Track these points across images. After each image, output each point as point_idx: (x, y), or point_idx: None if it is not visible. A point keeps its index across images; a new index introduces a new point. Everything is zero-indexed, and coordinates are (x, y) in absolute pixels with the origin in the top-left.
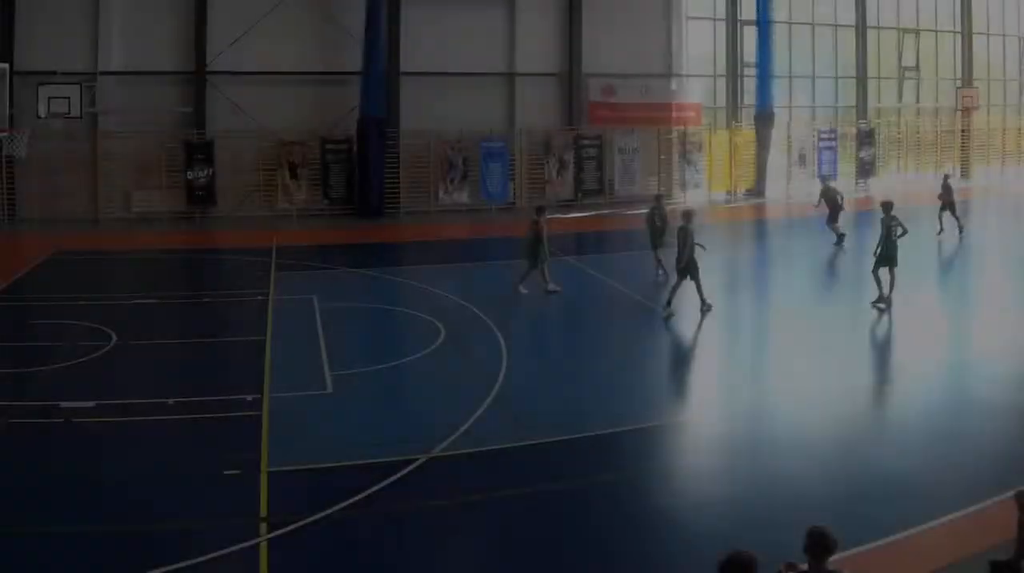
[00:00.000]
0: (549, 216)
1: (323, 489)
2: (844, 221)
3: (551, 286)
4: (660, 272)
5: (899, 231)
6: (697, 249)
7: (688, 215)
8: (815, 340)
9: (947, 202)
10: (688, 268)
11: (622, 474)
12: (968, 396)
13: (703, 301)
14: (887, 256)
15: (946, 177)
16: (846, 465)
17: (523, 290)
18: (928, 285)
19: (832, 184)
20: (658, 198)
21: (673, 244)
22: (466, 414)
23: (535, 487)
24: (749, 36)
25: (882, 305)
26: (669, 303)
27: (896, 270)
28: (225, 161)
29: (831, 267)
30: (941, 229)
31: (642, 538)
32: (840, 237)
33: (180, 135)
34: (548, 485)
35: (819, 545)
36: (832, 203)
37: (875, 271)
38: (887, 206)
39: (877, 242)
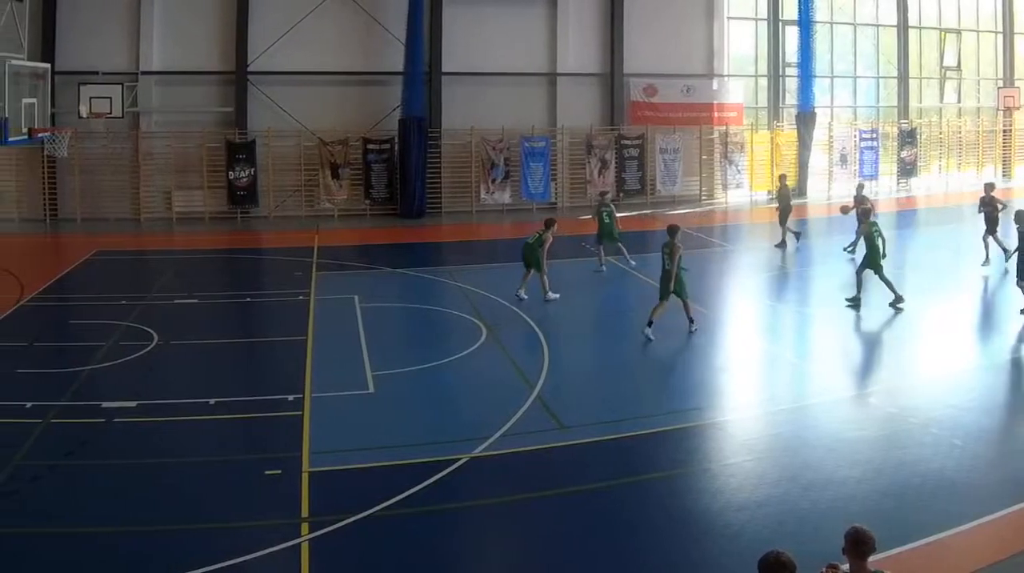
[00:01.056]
0: (585, 217)
1: (364, 489)
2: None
3: (550, 295)
4: (603, 268)
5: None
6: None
7: (673, 230)
8: (851, 340)
9: (991, 218)
10: (675, 287)
11: (663, 474)
12: (1007, 396)
13: (690, 320)
14: (871, 260)
15: (988, 189)
16: (886, 464)
17: (523, 295)
18: (960, 291)
19: (788, 183)
20: (603, 194)
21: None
22: (507, 414)
23: (576, 487)
24: (791, 36)
25: (854, 304)
26: (650, 324)
27: (880, 274)
28: (267, 161)
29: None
30: (987, 259)
31: (683, 539)
32: (787, 239)
33: (221, 135)
34: (589, 485)
35: (859, 545)
36: (785, 203)
37: (859, 272)
38: (866, 213)
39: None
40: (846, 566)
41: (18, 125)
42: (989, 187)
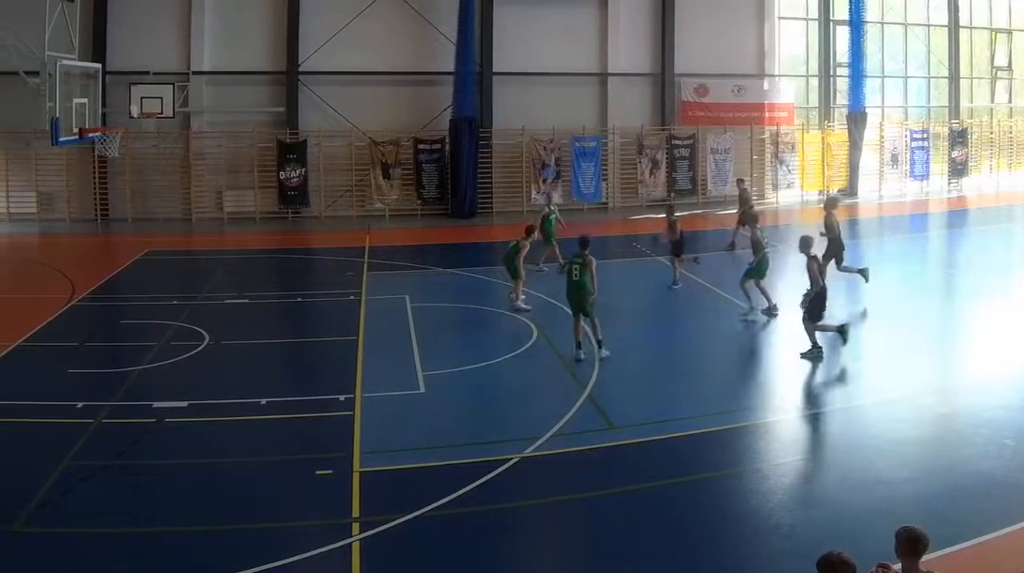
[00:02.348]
0: (636, 217)
1: (415, 489)
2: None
3: (520, 303)
4: (544, 268)
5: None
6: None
7: (585, 242)
8: (901, 340)
9: None
10: (586, 306)
11: (714, 474)
12: None
13: (598, 342)
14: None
15: None
16: (936, 465)
17: (524, 306)
18: (1010, 291)
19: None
20: (548, 197)
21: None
22: (558, 414)
23: (627, 487)
24: (841, 36)
25: (761, 316)
26: (578, 346)
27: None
28: (318, 161)
29: (922, 265)
30: None
31: (734, 539)
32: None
33: (273, 135)
34: (639, 485)
35: (911, 545)
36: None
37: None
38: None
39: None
40: (897, 566)
41: (69, 125)
42: None
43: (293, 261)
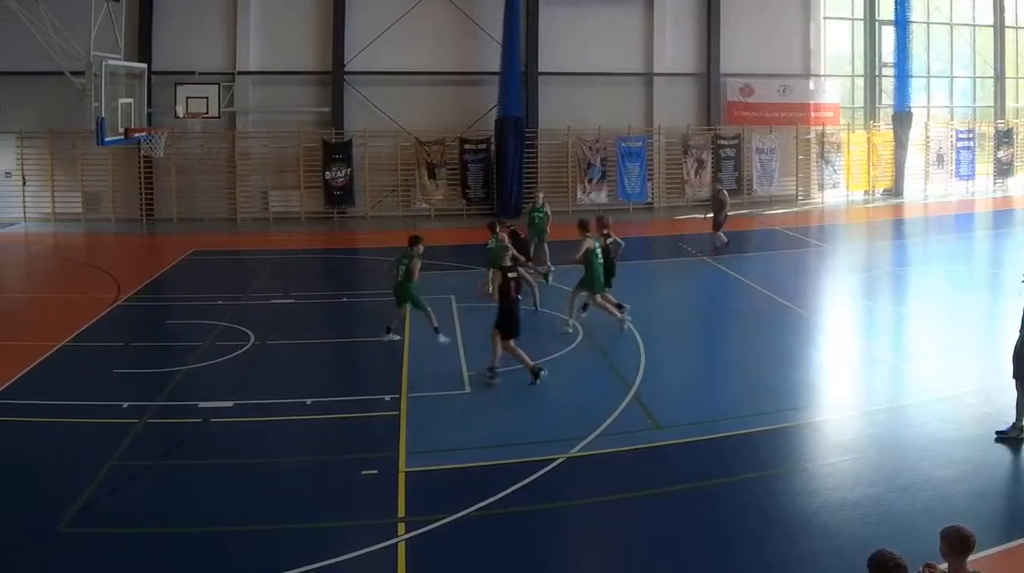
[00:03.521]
0: (681, 217)
1: (460, 489)
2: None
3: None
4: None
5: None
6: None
7: (413, 240)
8: (947, 339)
9: None
10: (411, 299)
11: (760, 474)
12: None
13: (389, 328)
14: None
15: None
16: (983, 464)
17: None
18: None
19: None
20: (535, 200)
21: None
22: (604, 414)
23: (672, 487)
24: (887, 36)
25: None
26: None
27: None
28: (363, 161)
29: (967, 265)
30: None
31: (780, 539)
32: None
33: (318, 135)
34: (685, 485)
35: (958, 545)
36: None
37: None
38: (583, 225)
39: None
40: (944, 565)
41: (114, 125)
42: None
43: (338, 261)
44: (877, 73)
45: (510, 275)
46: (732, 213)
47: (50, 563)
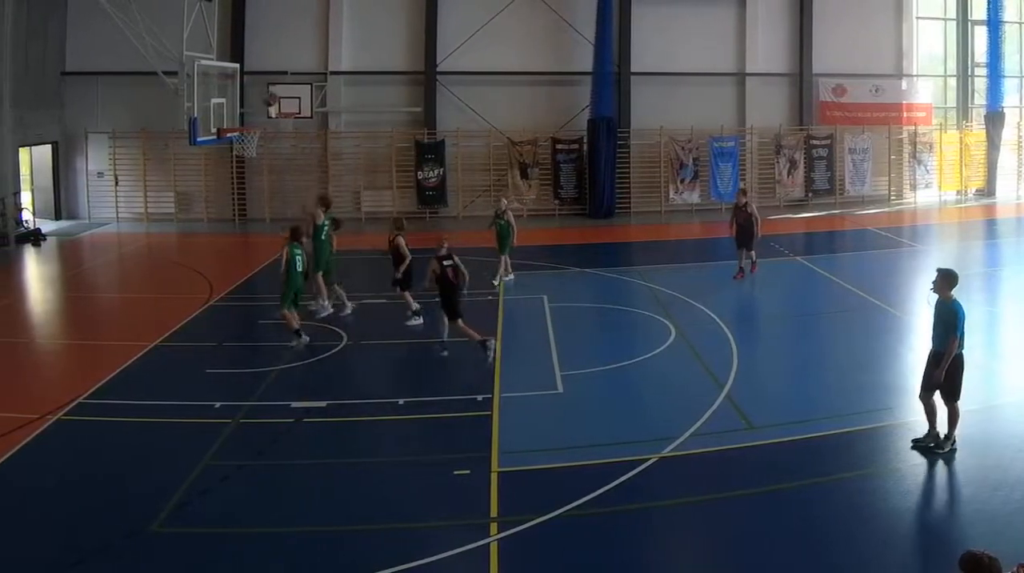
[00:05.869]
0: (774, 217)
1: (553, 489)
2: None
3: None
4: (510, 276)
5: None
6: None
7: (296, 232)
8: None
9: None
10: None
11: (852, 474)
12: None
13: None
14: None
15: None
16: None
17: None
18: None
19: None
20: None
21: None
22: (696, 414)
23: (765, 488)
24: (979, 36)
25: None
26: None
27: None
28: (455, 161)
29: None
30: None
31: (872, 539)
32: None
33: (410, 135)
34: (778, 485)
35: None
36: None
37: None
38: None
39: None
40: None
41: (207, 125)
42: None
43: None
44: (969, 73)
45: (446, 263)
46: (825, 213)
47: (144, 563)
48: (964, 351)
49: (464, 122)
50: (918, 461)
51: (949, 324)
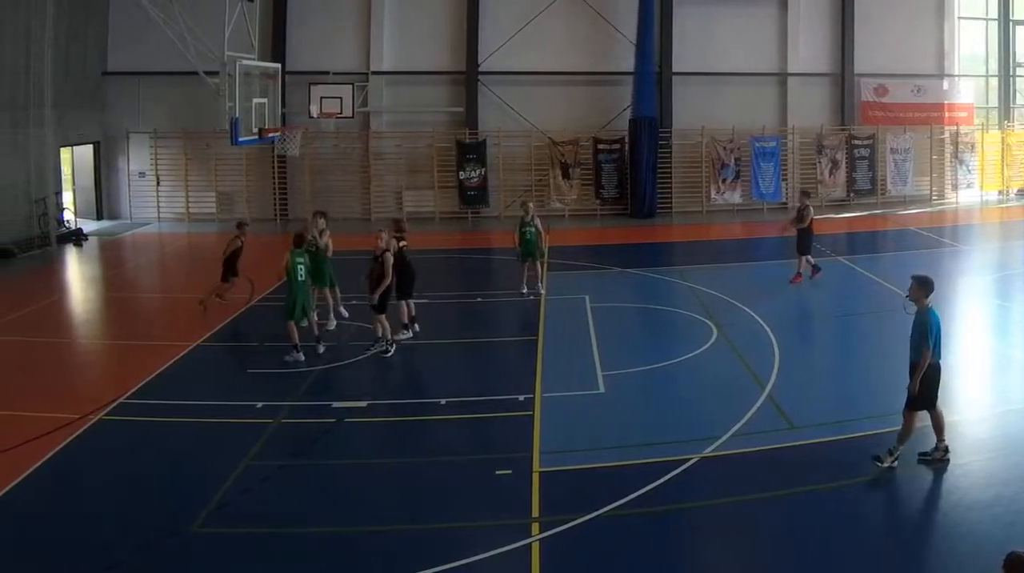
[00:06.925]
0: (816, 216)
1: (594, 489)
2: None
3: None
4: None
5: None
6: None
7: (297, 238)
8: None
9: None
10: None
11: (896, 474)
12: None
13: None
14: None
15: None
16: None
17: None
18: None
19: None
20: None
21: None
22: (738, 414)
23: (807, 488)
24: (1022, 36)
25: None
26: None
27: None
28: (497, 161)
29: None
30: None
31: (913, 539)
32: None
33: (452, 135)
34: (819, 486)
35: None
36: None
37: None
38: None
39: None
40: None
41: (248, 125)
42: None
43: (473, 261)
44: (1011, 73)
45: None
46: (866, 213)
47: (185, 562)
48: (939, 360)
49: (505, 122)
50: (960, 461)
51: (922, 334)
